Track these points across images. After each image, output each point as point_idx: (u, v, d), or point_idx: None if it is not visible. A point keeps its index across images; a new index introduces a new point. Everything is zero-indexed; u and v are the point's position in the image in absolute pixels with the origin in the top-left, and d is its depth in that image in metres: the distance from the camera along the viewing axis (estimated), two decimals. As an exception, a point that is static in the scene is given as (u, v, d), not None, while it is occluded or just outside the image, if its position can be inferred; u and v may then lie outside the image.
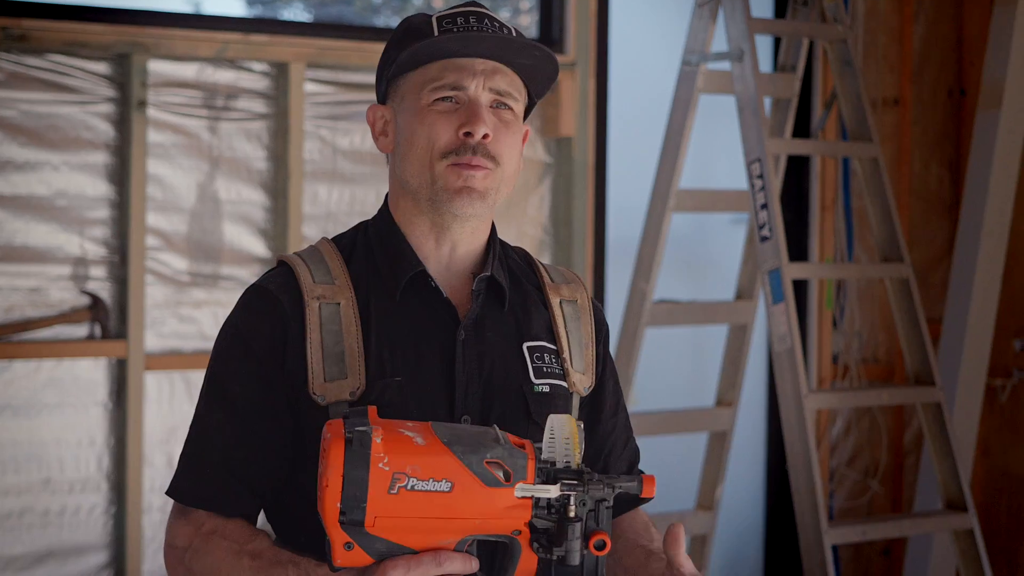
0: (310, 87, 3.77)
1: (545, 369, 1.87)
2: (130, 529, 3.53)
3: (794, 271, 3.83)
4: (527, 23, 4.28)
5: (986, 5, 4.61)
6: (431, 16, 1.86)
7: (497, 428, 1.62)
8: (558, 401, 1.86)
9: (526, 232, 4.07)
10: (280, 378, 1.80)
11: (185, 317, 3.66)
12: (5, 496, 3.48)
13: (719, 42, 4.04)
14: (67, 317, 3.52)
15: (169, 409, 3.62)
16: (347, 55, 3.75)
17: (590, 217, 4.09)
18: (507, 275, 1.90)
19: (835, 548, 4.39)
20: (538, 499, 1.57)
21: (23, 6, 3.46)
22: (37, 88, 3.50)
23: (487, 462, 1.56)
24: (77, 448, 3.55)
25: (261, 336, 1.81)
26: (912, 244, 4.64)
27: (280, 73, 3.72)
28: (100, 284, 3.56)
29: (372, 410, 1.60)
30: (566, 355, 1.89)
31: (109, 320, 3.55)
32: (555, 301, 1.92)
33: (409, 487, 1.54)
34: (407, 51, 1.82)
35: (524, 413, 1.82)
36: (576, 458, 1.60)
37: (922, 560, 4.37)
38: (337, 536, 1.55)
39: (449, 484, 1.54)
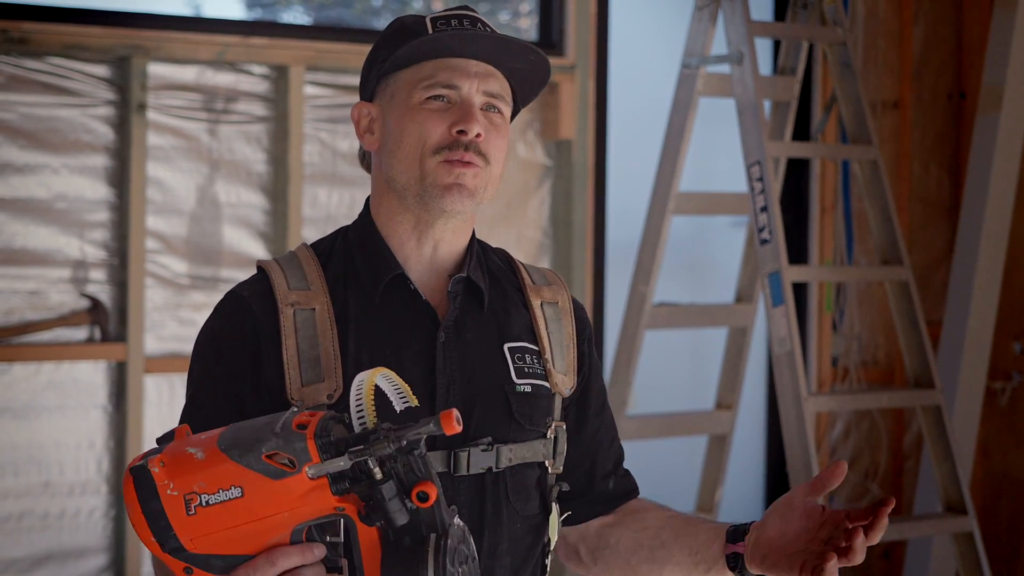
0: (310, 90, 3.77)
1: (527, 369, 1.86)
2: (130, 532, 3.53)
3: (794, 274, 3.82)
4: (527, 26, 4.28)
5: (986, 8, 4.61)
6: (424, 16, 1.86)
7: (290, 411, 1.57)
8: (540, 401, 1.86)
9: (525, 235, 4.07)
10: (250, 384, 1.80)
11: (185, 320, 3.66)
12: (5, 499, 3.48)
13: (719, 45, 4.04)
14: (67, 320, 3.52)
15: (169, 412, 3.62)
16: (346, 58, 3.75)
17: (590, 220, 4.09)
18: (487, 276, 1.90)
19: (835, 551, 4.38)
20: (334, 474, 1.53)
21: (23, 9, 3.46)
22: (37, 91, 3.50)
23: (265, 456, 1.52)
24: (77, 451, 3.55)
25: (231, 342, 1.81)
26: (912, 247, 4.63)
27: (280, 76, 3.72)
28: (100, 287, 3.56)
29: (180, 430, 1.58)
30: (548, 356, 1.89)
31: (109, 323, 3.55)
32: (536, 303, 1.92)
33: (204, 503, 1.52)
34: (406, 47, 1.82)
35: (506, 414, 1.82)
36: (370, 419, 1.59)
37: (922, 563, 4.37)
38: (173, 564, 1.55)
39: (239, 490, 1.52)
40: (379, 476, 1.51)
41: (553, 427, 1.87)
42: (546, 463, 1.87)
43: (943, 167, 4.78)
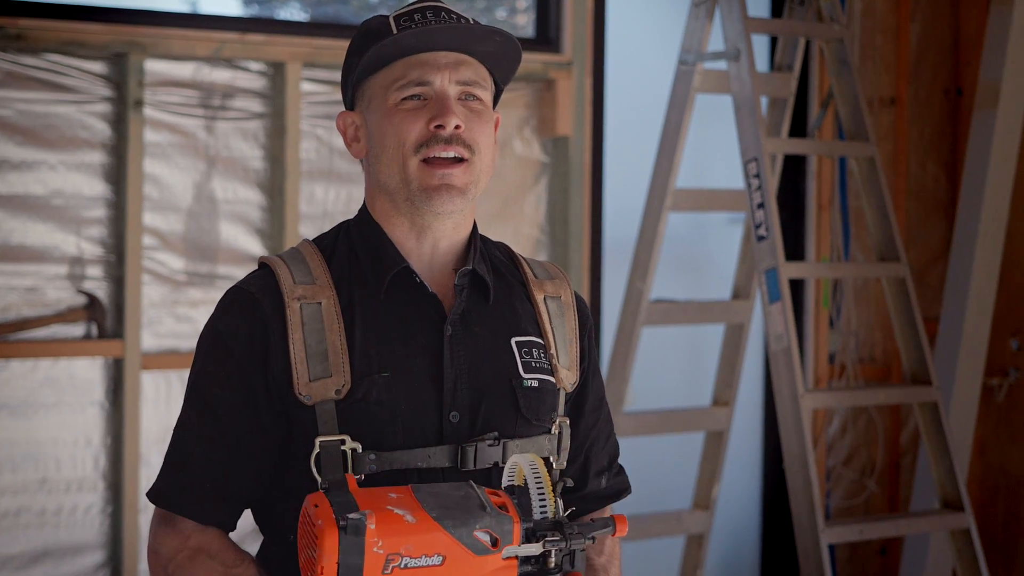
0: (306, 86, 3.77)
1: (534, 364, 1.86)
2: (126, 528, 3.53)
3: (791, 270, 3.83)
4: (523, 22, 4.28)
5: (982, 5, 4.61)
6: (388, 16, 1.86)
7: (474, 485, 1.65)
8: (546, 396, 1.86)
9: (522, 232, 4.07)
10: (261, 380, 1.79)
11: (182, 316, 3.66)
12: (2, 495, 3.48)
13: (716, 41, 4.04)
14: (64, 316, 3.52)
15: (166, 408, 3.62)
16: (343, 55, 3.74)
17: (587, 217, 4.09)
18: (490, 269, 1.89)
19: (832, 548, 4.39)
20: (523, 557, 1.62)
21: (20, 5, 3.46)
22: (34, 87, 3.50)
23: (475, 532, 1.59)
24: (73, 447, 3.55)
25: (240, 338, 1.80)
26: (909, 243, 4.64)
27: (276, 72, 3.72)
28: (97, 283, 3.56)
29: (351, 480, 1.62)
30: (553, 350, 1.89)
31: (106, 319, 3.55)
32: (539, 297, 1.91)
33: (402, 566, 1.55)
34: (369, 52, 1.83)
35: (513, 408, 1.82)
36: (551, 507, 1.65)
37: (919, 559, 4.38)
38: None
39: (441, 558, 1.57)
40: (552, 564, 1.63)
41: (557, 422, 1.87)
42: (551, 459, 1.86)
43: (940, 164, 4.78)
